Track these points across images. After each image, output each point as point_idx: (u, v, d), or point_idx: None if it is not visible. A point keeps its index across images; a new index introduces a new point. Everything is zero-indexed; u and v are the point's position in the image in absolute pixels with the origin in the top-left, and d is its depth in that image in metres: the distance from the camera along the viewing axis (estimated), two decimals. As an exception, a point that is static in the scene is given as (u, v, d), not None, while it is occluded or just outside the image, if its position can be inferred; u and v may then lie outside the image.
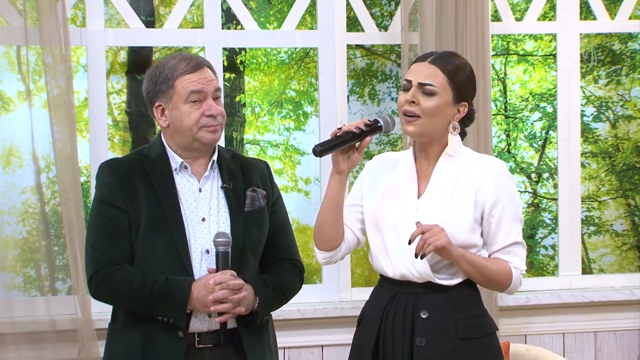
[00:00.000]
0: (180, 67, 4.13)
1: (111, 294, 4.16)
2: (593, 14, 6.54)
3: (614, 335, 6.49)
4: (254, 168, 4.33)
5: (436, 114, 3.91)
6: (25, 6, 5.68)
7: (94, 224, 4.20)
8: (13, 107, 5.95)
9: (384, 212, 3.98)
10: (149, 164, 4.21)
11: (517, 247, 3.95)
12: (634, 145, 7.60)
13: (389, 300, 3.96)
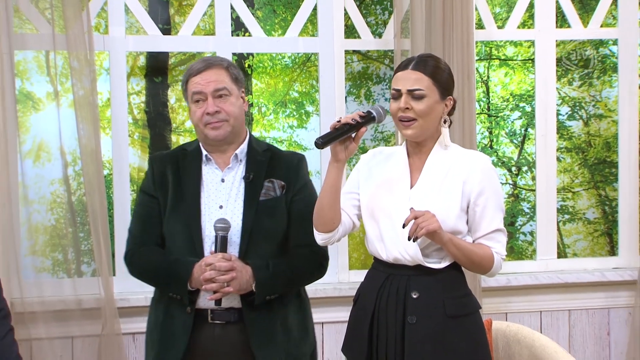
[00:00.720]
0: (190, 71, 4.25)
1: (136, 272, 4.34)
2: (568, 22, 6.53)
3: (586, 313, 6.50)
4: (283, 161, 4.36)
5: (429, 114, 3.94)
6: (53, 15, 5.69)
7: (135, 210, 4.41)
8: (42, 106, 5.95)
9: (379, 201, 4.01)
10: (184, 156, 4.31)
11: (498, 234, 3.97)
12: (604, 141, 7.61)
13: (383, 281, 3.98)
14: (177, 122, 7.12)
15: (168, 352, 4.19)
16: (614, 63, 6.85)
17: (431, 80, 3.94)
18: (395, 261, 3.96)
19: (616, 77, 6.73)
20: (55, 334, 5.77)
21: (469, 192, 3.93)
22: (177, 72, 7.16)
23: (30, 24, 5.81)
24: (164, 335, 4.24)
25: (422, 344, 3.88)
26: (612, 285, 6.52)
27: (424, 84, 3.93)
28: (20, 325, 5.20)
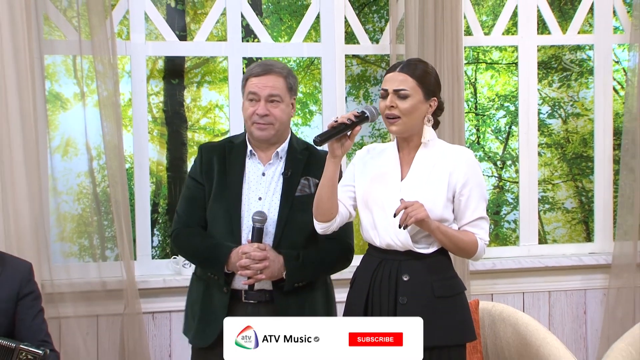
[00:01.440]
0: (252, 72, 4.32)
1: (180, 250, 4.52)
2: (548, 29, 6.54)
3: (565, 294, 6.50)
4: (320, 161, 4.31)
5: (412, 112, 3.95)
6: (79, 23, 5.70)
7: (182, 193, 4.47)
8: (70, 106, 5.96)
9: (372, 193, 4.02)
10: (232, 147, 4.38)
11: (482, 221, 4.00)
12: (581, 138, 7.61)
13: (376, 265, 4.00)
14: (193, 120, 7.12)
15: (208, 326, 4.26)
16: (590, 66, 6.86)
17: (416, 82, 3.96)
18: (387, 247, 3.98)
19: (592, 79, 6.74)
20: (81, 313, 5.78)
21: (455, 184, 3.95)
22: (192, 74, 7.16)
23: (58, 30, 5.82)
24: (204, 311, 4.32)
25: None
26: (588, 269, 6.54)
27: (409, 85, 3.95)
28: (50, 305, 5.22)
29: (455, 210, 3.99)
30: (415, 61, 4.10)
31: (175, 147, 6.63)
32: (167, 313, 5.75)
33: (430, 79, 4.00)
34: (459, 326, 3.97)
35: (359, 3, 6.77)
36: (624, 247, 6.44)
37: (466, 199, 3.96)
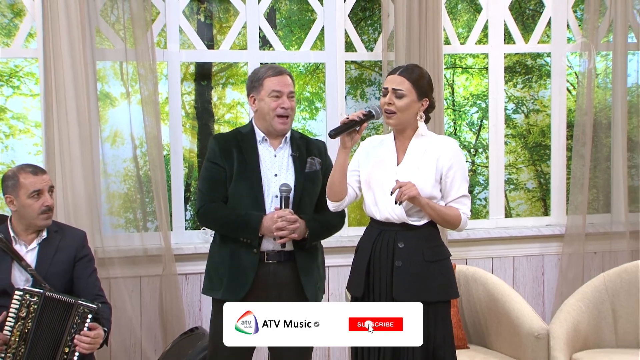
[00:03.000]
0: (268, 73, 4.30)
1: (210, 222, 4.39)
2: (513, 39, 6.53)
3: (526, 259, 6.50)
4: (315, 145, 4.48)
5: (407, 109, 3.97)
6: (125, 34, 5.70)
7: (203, 175, 4.42)
8: (117, 103, 5.95)
9: (374, 176, 4.03)
10: (242, 136, 4.37)
11: (464, 198, 4.01)
12: (540, 130, 7.59)
13: (376, 235, 4.01)
14: (219, 115, 7.11)
15: (237, 284, 4.23)
16: (548, 70, 6.84)
17: (411, 84, 3.97)
18: (385, 220, 3.99)
19: (549, 81, 6.73)
20: (127, 274, 5.80)
21: (441, 167, 3.96)
22: (218, 77, 7.13)
23: (108, 41, 5.81)
24: (232, 271, 4.28)
25: (406, 282, 3.90)
26: (546, 238, 6.54)
27: (405, 86, 3.96)
28: (102, 268, 5.23)
29: (442, 190, 4.00)
30: (412, 66, 4.10)
31: (204, 137, 6.62)
32: (198, 275, 5.74)
33: (423, 82, 4.01)
34: (445, 286, 3.99)
35: (357, 18, 6.75)
36: (575, 220, 6.44)
37: (451, 180, 3.98)
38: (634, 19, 6.47)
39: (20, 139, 6.74)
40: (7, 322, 3.93)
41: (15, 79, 6.85)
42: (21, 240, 4.15)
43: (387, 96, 3.99)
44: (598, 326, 5.17)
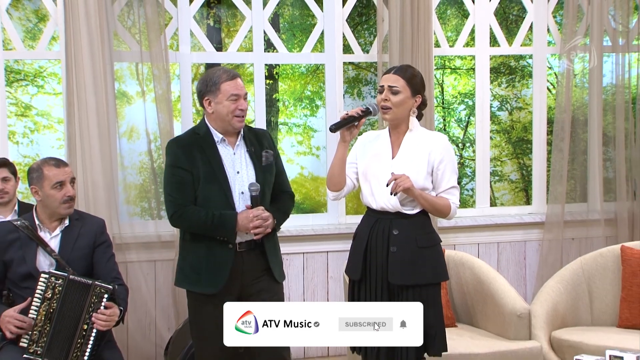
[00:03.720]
0: (223, 77, 4.13)
1: (186, 225, 4.19)
2: (498, 42, 6.52)
3: (509, 245, 6.51)
4: (263, 135, 4.36)
5: (401, 105, 3.96)
6: (141, 38, 5.70)
7: (169, 180, 4.19)
8: (133, 101, 5.95)
9: (370, 168, 4.03)
10: (201, 139, 4.20)
11: (454, 189, 4.01)
12: (522, 126, 7.62)
13: (373, 223, 4.00)
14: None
15: (216, 277, 4.13)
16: (530, 71, 6.85)
17: (405, 82, 3.96)
18: (381, 209, 3.98)
19: (531, 81, 6.73)
20: (142, 259, 5.81)
21: (433, 161, 3.96)
22: (226, 77, 7.16)
23: (125, 43, 5.81)
24: (210, 265, 4.15)
25: (400, 266, 3.90)
26: (527, 225, 6.54)
27: (400, 84, 3.96)
28: (119, 252, 5.23)
29: (433, 181, 3.99)
30: (406, 66, 4.10)
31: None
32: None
33: (416, 81, 4.01)
34: (435, 269, 3.98)
35: (354, 22, 6.76)
36: (554, 209, 6.44)
37: (441, 173, 3.97)
38: (608, 24, 6.47)
39: (44, 134, 6.76)
40: (34, 303, 3.95)
41: (40, 79, 6.86)
42: (45, 228, 4.16)
43: (383, 93, 3.99)
44: (575, 306, 5.19)
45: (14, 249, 4.08)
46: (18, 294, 4.06)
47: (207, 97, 4.17)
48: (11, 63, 6.59)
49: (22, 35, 6.11)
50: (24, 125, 6.81)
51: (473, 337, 4.88)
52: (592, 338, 4.79)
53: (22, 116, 6.84)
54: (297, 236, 6.06)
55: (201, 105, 4.25)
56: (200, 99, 4.22)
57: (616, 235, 6.47)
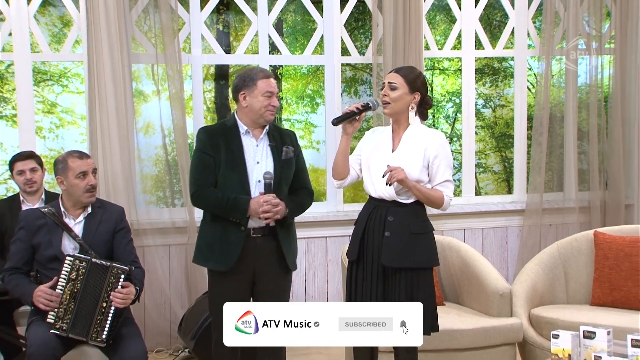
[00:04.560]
0: (260, 75, 4.17)
1: (203, 204, 4.21)
2: (482, 45, 6.53)
3: (493, 231, 6.52)
4: (287, 134, 4.35)
5: (399, 101, 3.95)
6: (156, 41, 5.70)
7: (195, 163, 4.22)
8: (149, 99, 5.95)
9: (372, 160, 4.01)
10: (227, 129, 4.23)
11: (448, 183, 3.96)
12: (505, 122, 7.63)
13: (372, 209, 3.98)
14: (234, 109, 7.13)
15: (227, 256, 4.16)
16: (512, 72, 6.86)
17: (404, 80, 3.95)
18: (379, 197, 3.97)
19: (513, 80, 6.74)
20: (158, 243, 5.83)
21: (428, 156, 3.93)
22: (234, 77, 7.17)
23: (141, 46, 5.82)
24: (223, 246, 4.17)
25: (393, 250, 3.90)
26: (509, 213, 6.56)
27: (398, 81, 3.95)
28: (137, 238, 5.24)
29: (429, 175, 3.97)
30: (407, 66, 4.10)
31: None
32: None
33: (415, 79, 3.98)
34: (427, 255, 3.96)
35: (351, 27, 6.77)
36: (534, 197, 6.46)
37: (436, 167, 3.94)
38: (583, 29, 6.47)
39: (69, 130, 6.79)
40: (60, 283, 3.96)
41: (64, 79, 6.88)
42: (70, 215, 4.17)
43: (384, 89, 4.01)
44: (552, 286, 5.20)
45: (42, 234, 4.09)
46: (45, 274, 4.08)
47: (243, 91, 4.19)
48: (38, 64, 6.63)
49: (48, 39, 6.13)
50: (50, 121, 6.84)
51: (459, 314, 4.89)
52: (567, 315, 4.80)
53: (49, 113, 6.87)
54: (298, 222, 5.92)
55: (235, 98, 4.26)
56: (236, 92, 4.23)
57: (589, 221, 6.49)
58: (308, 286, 6.19)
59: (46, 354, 3.81)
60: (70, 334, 3.95)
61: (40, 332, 3.91)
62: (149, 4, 5.74)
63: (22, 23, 5.63)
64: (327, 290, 6.23)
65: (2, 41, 5.68)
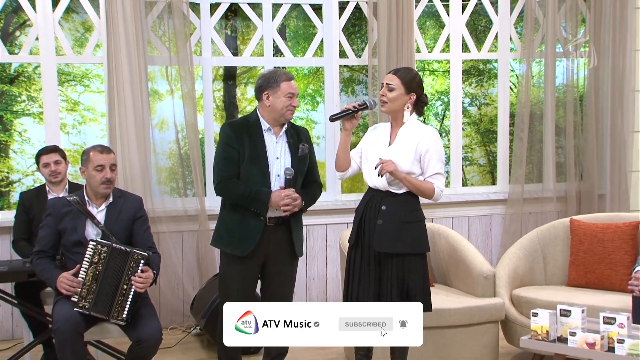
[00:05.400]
0: (283, 77, 4.15)
1: (226, 194, 4.19)
2: (469, 49, 6.53)
3: (478, 218, 6.54)
4: (302, 132, 4.34)
5: (395, 100, 3.94)
6: (170, 45, 5.72)
7: (219, 154, 4.21)
8: (163, 98, 5.94)
9: (370, 153, 4.02)
10: (250, 125, 4.22)
11: (438, 175, 3.94)
12: (489, 119, 7.62)
13: (369, 198, 3.99)
14: (241, 107, 7.13)
15: (246, 242, 4.16)
16: (495, 73, 6.86)
17: (400, 81, 3.93)
18: (374, 187, 3.98)
19: (496, 81, 6.74)
20: (172, 230, 5.84)
21: (420, 150, 3.92)
22: (242, 78, 7.16)
23: (156, 50, 5.82)
24: (243, 232, 4.16)
25: (384, 236, 3.91)
26: (493, 202, 6.58)
27: (395, 82, 3.93)
28: (152, 225, 5.17)
29: (422, 167, 3.95)
30: (404, 68, 4.08)
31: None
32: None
33: (411, 81, 3.96)
34: (417, 241, 3.96)
35: (348, 31, 6.76)
36: (515, 188, 6.48)
37: (428, 161, 3.93)
38: (560, 34, 6.48)
39: (90, 126, 6.79)
40: (83, 266, 3.98)
41: (86, 79, 6.88)
42: (93, 204, 4.19)
43: (382, 89, 4.01)
44: (532, 269, 5.22)
45: (67, 220, 4.11)
46: (70, 258, 4.10)
47: (267, 91, 4.17)
48: (62, 66, 6.63)
49: (71, 43, 6.13)
50: (73, 118, 6.85)
51: (447, 295, 4.91)
52: (545, 295, 4.82)
53: (72, 110, 6.87)
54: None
55: (258, 98, 4.24)
56: (259, 92, 4.21)
57: (566, 210, 6.51)
58: (309, 269, 6.21)
59: (70, 329, 3.85)
60: (92, 312, 3.98)
61: (65, 310, 3.94)
62: (164, 11, 5.75)
63: (48, 28, 5.65)
64: (327, 273, 6.24)
65: (29, 45, 5.70)
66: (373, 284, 3.97)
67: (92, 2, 5.74)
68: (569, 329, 3.82)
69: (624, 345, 3.65)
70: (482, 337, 4.75)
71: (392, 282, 3.91)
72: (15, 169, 7.04)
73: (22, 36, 6.50)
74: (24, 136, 6.93)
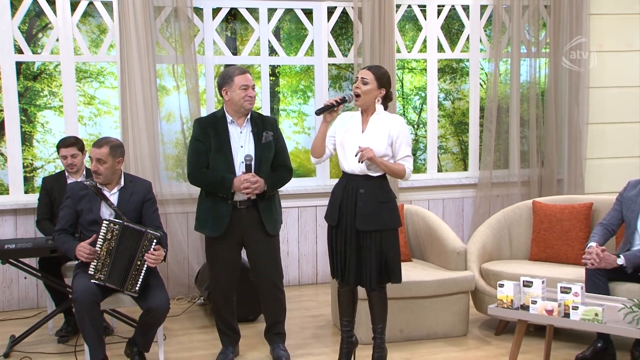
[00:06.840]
0: (236, 72, 4.13)
1: (197, 182, 4.19)
2: (444, 49, 6.52)
3: (452, 201, 6.54)
4: (267, 120, 4.29)
5: (368, 94, 3.92)
6: (176, 45, 5.68)
7: (189, 148, 4.23)
8: (170, 93, 5.90)
9: (345, 140, 3.98)
10: (217, 119, 4.19)
11: (408, 157, 3.93)
12: (462, 112, 7.62)
13: (345, 183, 3.96)
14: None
15: (218, 224, 4.15)
16: (467, 71, 6.85)
17: (374, 76, 3.91)
18: (351, 172, 3.95)
19: (468, 78, 6.73)
20: (178, 211, 5.83)
21: (392, 136, 3.90)
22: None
23: (164, 49, 5.79)
24: (215, 216, 4.16)
25: (365, 216, 3.90)
26: (465, 186, 6.59)
27: (369, 77, 3.91)
28: (161, 206, 5.18)
29: (393, 151, 3.94)
30: (377, 66, 4.03)
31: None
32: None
33: (383, 77, 3.94)
34: (391, 218, 3.93)
35: (336, 33, 6.74)
36: (484, 174, 6.49)
37: (398, 145, 3.91)
38: (524, 36, 6.48)
39: (105, 118, 6.77)
40: (98, 242, 3.97)
41: (101, 76, 6.86)
42: (106, 188, 4.18)
43: (356, 83, 3.99)
44: (499, 245, 5.23)
45: (84, 202, 4.10)
46: (86, 235, 4.08)
47: (224, 87, 4.15)
48: (80, 64, 6.59)
49: (88, 43, 6.09)
50: (89, 111, 6.83)
51: (424, 269, 4.92)
52: (510, 268, 4.83)
53: (88, 104, 6.85)
54: (293, 194, 6.10)
55: (220, 94, 4.22)
56: (219, 89, 4.20)
57: (529, 193, 6.52)
58: (301, 247, 6.21)
59: (88, 299, 3.86)
60: (107, 283, 3.98)
61: (83, 282, 3.94)
62: (170, 15, 5.72)
63: (67, 31, 5.61)
64: (317, 250, 6.25)
65: (50, 45, 5.65)
66: (355, 260, 3.96)
67: (107, 7, 5.70)
68: (530, 298, 3.84)
69: (578, 312, 3.69)
70: (454, 306, 4.77)
71: (372, 255, 3.91)
72: (38, 156, 7.03)
73: (44, 38, 6.46)
74: (46, 127, 6.92)
